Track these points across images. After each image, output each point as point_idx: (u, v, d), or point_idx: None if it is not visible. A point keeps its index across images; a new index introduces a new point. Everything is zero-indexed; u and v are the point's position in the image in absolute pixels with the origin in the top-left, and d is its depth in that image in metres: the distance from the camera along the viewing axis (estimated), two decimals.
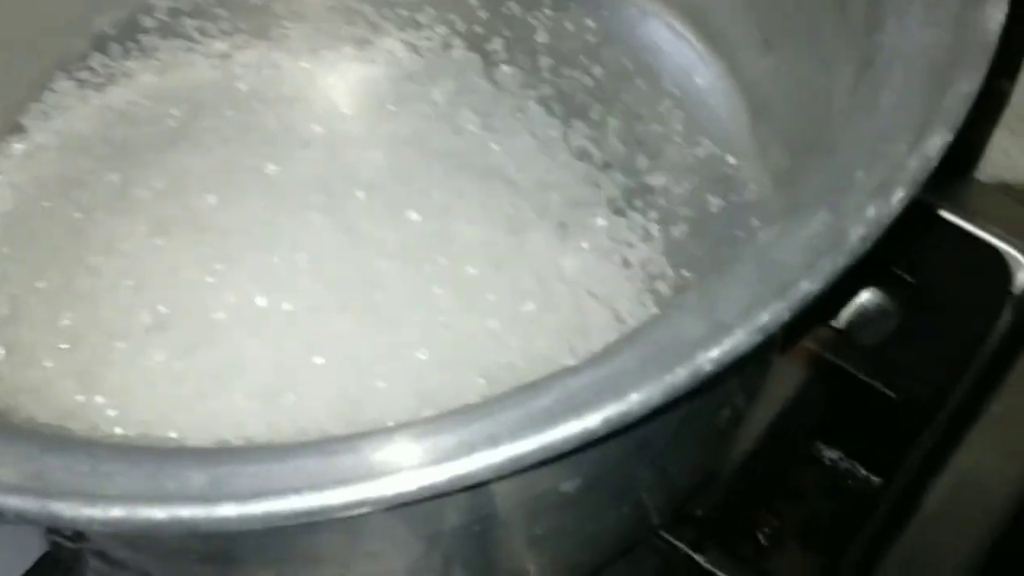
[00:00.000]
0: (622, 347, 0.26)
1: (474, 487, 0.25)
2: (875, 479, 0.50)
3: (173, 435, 0.41)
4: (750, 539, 0.48)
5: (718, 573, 0.42)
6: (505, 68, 0.51)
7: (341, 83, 0.51)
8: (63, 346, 0.42)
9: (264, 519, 0.23)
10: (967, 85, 0.28)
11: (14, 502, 0.24)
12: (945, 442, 0.48)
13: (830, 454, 0.50)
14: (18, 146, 0.48)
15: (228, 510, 0.24)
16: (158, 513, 0.24)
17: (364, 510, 0.24)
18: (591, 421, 0.24)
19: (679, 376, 0.24)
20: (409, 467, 0.24)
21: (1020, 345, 0.50)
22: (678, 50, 0.51)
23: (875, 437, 0.50)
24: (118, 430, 0.41)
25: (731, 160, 0.49)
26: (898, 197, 0.26)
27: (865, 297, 0.53)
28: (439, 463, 0.24)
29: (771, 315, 0.25)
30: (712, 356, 0.24)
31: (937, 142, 0.26)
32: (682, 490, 0.41)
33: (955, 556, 0.45)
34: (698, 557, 0.42)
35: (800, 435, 0.49)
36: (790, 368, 0.48)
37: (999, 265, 0.51)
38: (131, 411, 0.41)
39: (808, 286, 0.25)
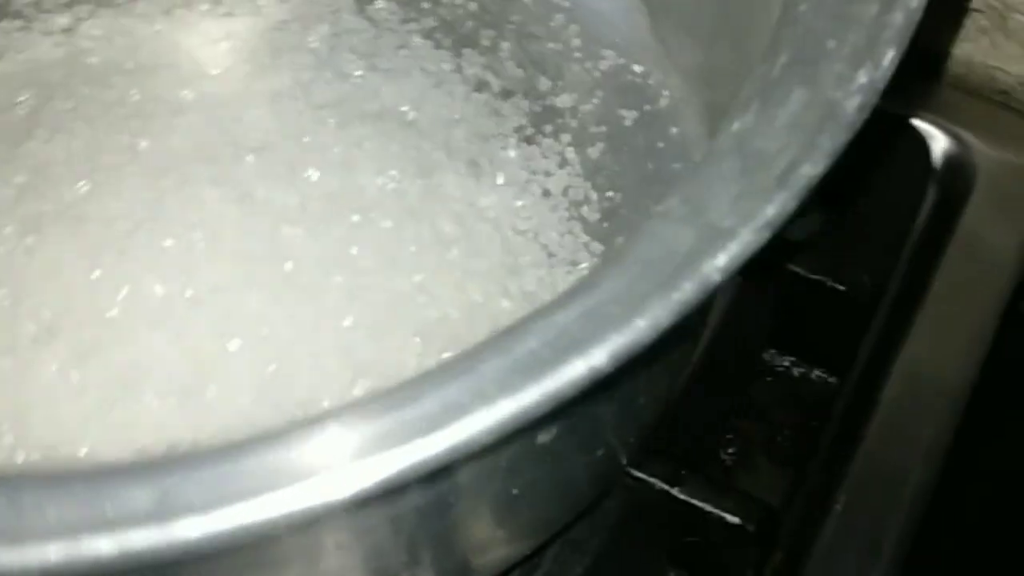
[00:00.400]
0: (607, 271, 0.23)
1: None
2: (831, 380, 0.48)
3: (83, 452, 0.36)
4: (715, 462, 0.46)
5: (695, 503, 0.40)
6: (380, 3, 0.47)
7: (204, 42, 0.46)
8: None
9: (236, 533, 0.20)
10: None
11: None
12: (893, 330, 0.46)
13: (783, 361, 0.48)
14: None
15: (189, 528, 0.20)
16: (105, 545, 0.20)
17: (358, 497, 0.20)
18: (596, 358, 0.21)
19: (687, 292, 0.21)
20: (401, 441, 0.20)
21: (948, 220, 0.49)
22: None
23: (825, 337, 0.48)
24: (20, 456, 0.36)
25: (637, 68, 0.46)
26: (889, 58, 0.23)
27: None
28: (434, 431, 0.20)
29: (776, 208, 0.22)
30: (720, 264, 0.21)
31: None
32: (649, 423, 0.38)
33: (920, 445, 0.43)
34: (673, 490, 0.40)
35: (754, 346, 0.47)
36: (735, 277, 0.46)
37: (916, 141, 0.50)
38: (30, 433, 0.36)
39: (811, 169, 0.22)
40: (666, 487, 0.40)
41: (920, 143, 0.50)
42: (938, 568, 0.45)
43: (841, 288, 0.47)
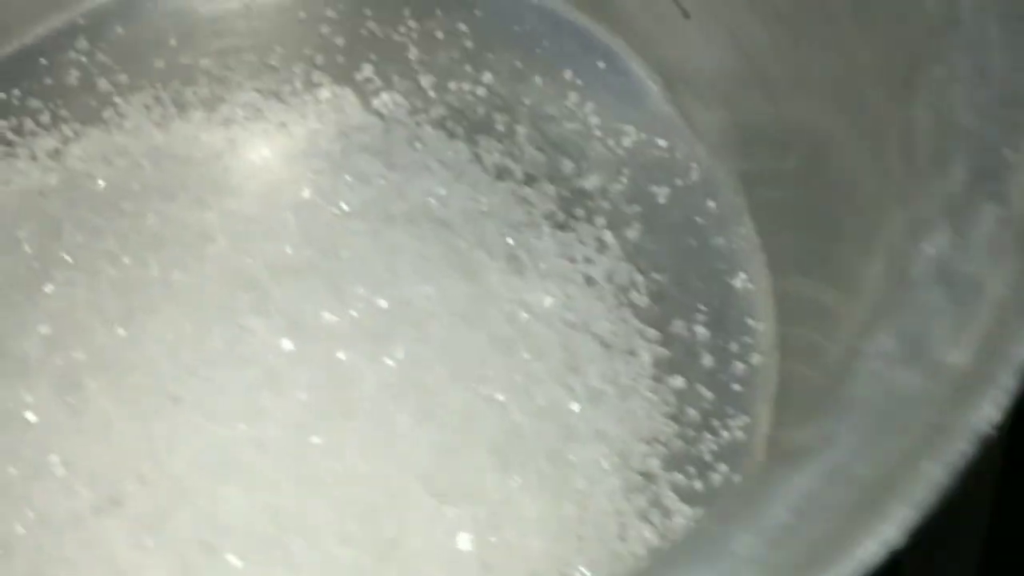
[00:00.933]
0: (832, 423, 0.21)
1: None
2: None
3: None
4: None
5: None
6: (385, 96, 0.45)
7: (208, 155, 0.43)
8: None
9: None
10: None
11: None
12: None
13: None
14: None
15: None
16: None
17: None
18: (888, 533, 0.19)
19: (961, 453, 0.20)
20: None
21: None
22: (570, 34, 0.46)
23: None
24: None
25: (661, 143, 0.44)
26: None
27: None
28: None
29: None
30: (989, 415, 0.20)
31: None
32: None
33: None
34: None
35: None
36: None
37: None
38: None
39: None
40: None
41: None
42: None
43: None
